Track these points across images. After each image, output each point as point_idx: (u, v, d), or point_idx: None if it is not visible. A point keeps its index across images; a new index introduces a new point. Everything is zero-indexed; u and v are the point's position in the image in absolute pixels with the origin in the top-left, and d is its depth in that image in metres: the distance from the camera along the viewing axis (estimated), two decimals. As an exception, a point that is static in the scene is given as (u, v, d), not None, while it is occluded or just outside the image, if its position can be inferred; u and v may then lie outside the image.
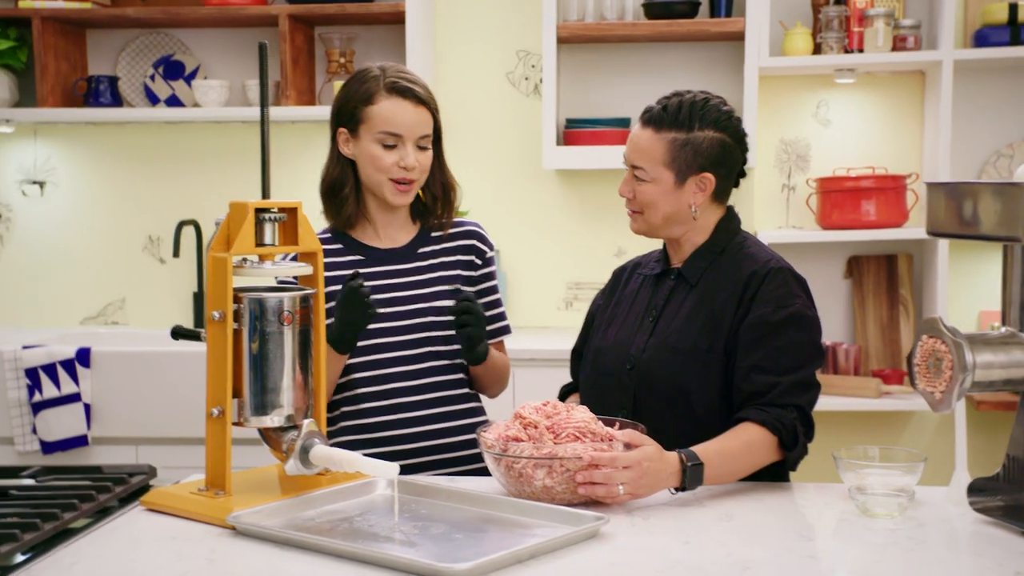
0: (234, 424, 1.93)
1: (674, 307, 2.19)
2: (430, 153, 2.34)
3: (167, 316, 4.21)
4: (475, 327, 2.27)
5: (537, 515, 1.84)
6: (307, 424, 1.92)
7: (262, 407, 1.93)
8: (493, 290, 2.45)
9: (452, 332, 2.33)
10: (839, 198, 3.80)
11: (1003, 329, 1.72)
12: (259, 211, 1.94)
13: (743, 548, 1.71)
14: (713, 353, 2.12)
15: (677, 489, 1.94)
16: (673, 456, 1.93)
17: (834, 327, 4.02)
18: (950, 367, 1.66)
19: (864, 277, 3.98)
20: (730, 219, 2.24)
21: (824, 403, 3.73)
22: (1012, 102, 3.91)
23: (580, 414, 1.99)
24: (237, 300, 1.91)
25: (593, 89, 4.02)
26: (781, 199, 4.02)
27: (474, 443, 2.35)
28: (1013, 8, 3.69)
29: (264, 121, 1.99)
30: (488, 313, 2.42)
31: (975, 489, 1.84)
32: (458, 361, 2.37)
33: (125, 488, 2.00)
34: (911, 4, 3.92)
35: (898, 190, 3.80)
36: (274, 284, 2.26)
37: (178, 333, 2.07)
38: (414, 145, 2.30)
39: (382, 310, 2.32)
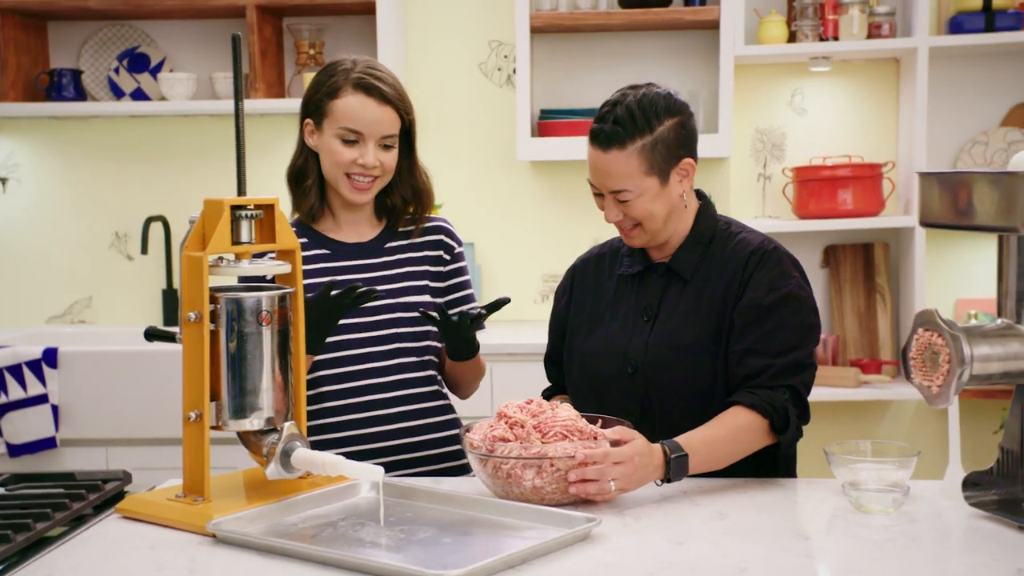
0: (212, 428, 1.87)
1: (671, 304, 2.13)
2: (395, 153, 2.27)
3: (135, 314, 4.13)
4: (462, 329, 2.20)
5: (526, 517, 1.79)
6: (288, 427, 1.87)
7: (241, 410, 1.87)
8: (464, 285, 2.39)
9: (420, 329, 2.28)
10: (816, 187, 3.78)
11: (999, 321, 1.69)
12: (235, 208, 1.88)
13: (738, 548, 1.67)
14: (718, 344, 2.08)
15: (663, 480, 1.91)
16: (658, 448, 1.90)
17: (811, 317, 4.00)
18: (947, 361, 1.63)
19: (841, 266, 3.96)
20: (707, 205, 2.20)
21: (803, 394, 3.72)
22: (987, 89, 3.91)
23: (565, 412, 1.95)
24: (213, 300, 1.86)
25: (567, 79, 3.97)
26: (757, 188, 3.99)
27: (444, 442, 2.30)
28: (988, -6, 3.68)
29: (239, 115, 1.93)
30: (460, 309, 2.37)
31: (970, 483, 1.81)
32: (427, 358, 2.32)
33: (99, 495, 1.94)
34: (885, -9, 3.90)
35: (875, 179, 3.78)
36: (237, 283, 2.18)
37: (152, 335, 2.00)
38: (376, 144, 2.23)
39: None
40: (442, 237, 2.37)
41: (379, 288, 2.27)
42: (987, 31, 3.68)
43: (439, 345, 2.34)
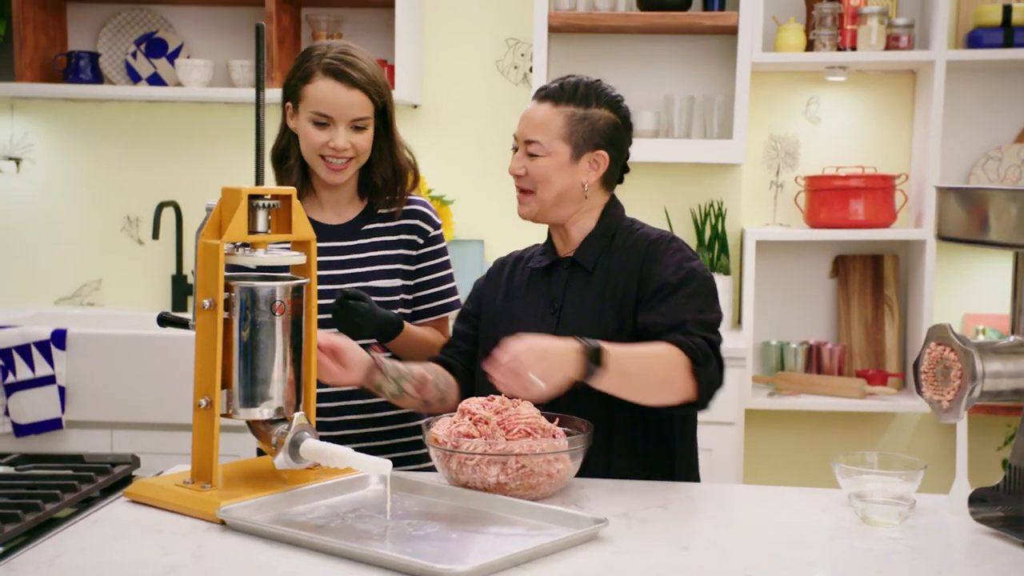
0: (222, 416, 1.87)
1: (575, 296, 2.17)
2: (368, 134, 2.31)
3: (144, 299, 4.14)
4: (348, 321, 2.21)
5: (533, 515, 1.80)
6: (297, 417, 1.87)
7: (251, 399, 1.88)
8: (439, 267, 2.43)
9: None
10: (828, 196, 3.78)
11: (1012, 338, 1.70)
12: (252, 197, 1.89)
13: (743, 555, 1.68)
14: (623, 333, 2.10)
15: (584, 375, 1.90)
16: (572, 340, 1.90)
17: (819, 326, 4.01)
18: (959, 376, 1.63)
19: (849, 277, 3.96)
20: (615, 204, 2.23)
21: (807, 402, 3.74)
22: (1002, 105, 3.90)
23: (527, 409, 1.97)
24: (228, 288, 1.86)
25: (583, 80, 3.97)
26: (768, 196, 3.99)
27: (405, 421, 2.36)
28: (1007, 10, 3.67)
29: (260, 105, 1.95)
30: (433, 290, 2.42)
31: (976, 499, 1.81)
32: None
33: (108, 478, 1.95)
34: (904, 3, 3.90)
35: (887, 190, 3.78)
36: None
37: (165, 320, 2.01)
38: (347, 127, 2.28)
39: (319, 287, 2.28)
40: (418, 221, 2.41)
41: (350, 271, 2.32)
42: (1006, 46, 3.67)
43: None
